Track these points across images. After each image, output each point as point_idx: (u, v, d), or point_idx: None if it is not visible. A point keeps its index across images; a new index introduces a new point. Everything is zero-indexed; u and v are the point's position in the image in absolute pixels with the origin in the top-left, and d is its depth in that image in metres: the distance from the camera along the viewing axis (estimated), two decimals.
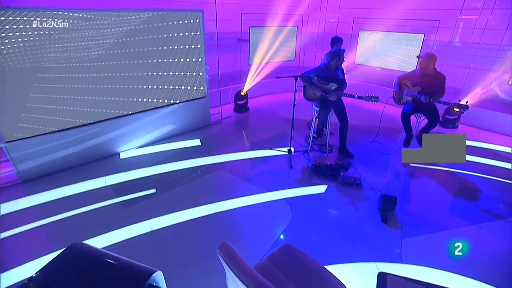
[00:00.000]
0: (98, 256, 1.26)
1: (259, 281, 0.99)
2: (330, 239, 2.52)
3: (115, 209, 2.82)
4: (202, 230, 2.58)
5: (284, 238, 2.50)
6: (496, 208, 3.00)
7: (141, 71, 3.70)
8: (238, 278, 1.01)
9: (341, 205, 2.96)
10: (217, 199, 2.96)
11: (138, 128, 3.94)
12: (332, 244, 2.47)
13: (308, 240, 2.50)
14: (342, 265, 2.26)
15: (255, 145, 4.19)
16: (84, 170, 3.42)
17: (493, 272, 2.21)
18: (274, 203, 2.95)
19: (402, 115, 3.73)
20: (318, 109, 3.61)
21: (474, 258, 2.35)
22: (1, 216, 2.68)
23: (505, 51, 4.51)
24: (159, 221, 2.66)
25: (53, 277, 1.13)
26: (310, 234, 2.57)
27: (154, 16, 3.59)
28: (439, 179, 3.50)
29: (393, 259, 2.33)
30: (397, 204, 2.82)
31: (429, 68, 3.53)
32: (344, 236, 2.56)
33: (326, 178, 3.36)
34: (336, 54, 3.39)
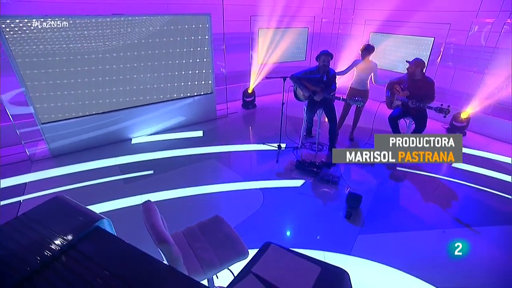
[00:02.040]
0: (72, 206, 1.73)
1: (160, 232, 1.36)
2: (290, 226, 2.80)
3: (117, 184, 3.38)
4: (181, 207, 3.01)
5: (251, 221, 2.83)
6: (467, 217, 3.01)
7: (155, 69, 4.24)
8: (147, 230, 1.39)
9: (312, 199, 3.20)
10: (201, 183, 3.38)
11: (150, 118, 4.51)
12: (290, 229, 2.75)
13: (269, 224, 2.80)
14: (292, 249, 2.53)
15: (251, 139, 4.53)
16: (101, 151, 4.06)
17: (438, 275, 2.31)
18: (250, 191, 3.29)
19: (389, 119, 3.79)
20: (305, 108, 3.83)
21: (422, 259, 2.46)
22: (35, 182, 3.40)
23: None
24: (149, 197, 3.15)
25: (35, 218, 1.61)
26: (274, 220, 2.87)
27: (166, 20, 4.08)
28: (420, 184, 3.53)
29: (342, 250, 2.53)
30: (369, 203, 3.03)
31: (417, 74, 3.55)
32: (304, 226, 2.81)
33: (307, 174, 3.60)
34: (324, 55, 3.59)
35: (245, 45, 5.52)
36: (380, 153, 2.38)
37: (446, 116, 3.29)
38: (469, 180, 3.60)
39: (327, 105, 3.81)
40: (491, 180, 3.64)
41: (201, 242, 1.69)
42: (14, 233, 1.47)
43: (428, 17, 5.08)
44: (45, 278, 1.33)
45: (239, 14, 5.11)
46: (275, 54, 5.63)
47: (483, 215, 3.05)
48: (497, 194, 3.36)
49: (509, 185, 3.56)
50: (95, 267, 1.37)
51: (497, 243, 2.67)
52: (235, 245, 1.65)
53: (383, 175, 3.72)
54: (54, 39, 3.45)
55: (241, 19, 5.18)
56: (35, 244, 1.45)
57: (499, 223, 2.92)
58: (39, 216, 1.65)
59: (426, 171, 3.81)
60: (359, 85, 4.14)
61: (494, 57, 4.50)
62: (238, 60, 5.58)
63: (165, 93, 4.50)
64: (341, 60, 6.02)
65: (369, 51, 3.96)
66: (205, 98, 4.89)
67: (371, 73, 4.06)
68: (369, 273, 2.33)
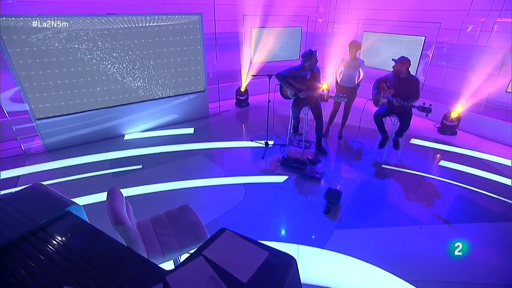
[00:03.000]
0: (47, 192, 1.84)
1: (117, 214, 1.44)
2: (267, 220, 2.86)
3: (106, 178, 3.50)
4: (163, 200, 3.11)
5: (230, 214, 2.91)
6: (446, 213, 3.03)
7: (149, 68, 4.36)
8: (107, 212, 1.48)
9: (293, 194, 3.25)
10: (187, 178, 3.47)
11: (143, 116, 4.63)
12: (267, 223, 2.81)
13: (247, 218, 2.87)
14: (266, 242, 2.56)
15: (241, 136, 4.61)
16: (94, 146, 4.19)
17: (408, 269, 2.34)
18: (233, 186, 3.37)
19: (375, 116, 3.82)
20: (291, 106, 3.89)
21: (395, 254, 2.50)
22: (28, 174, 3.54)
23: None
24: (135, 190, 3.26)
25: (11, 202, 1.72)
26: (252, 214, 2.94)
27: (158, 19, 4.19)
28: (403, 182, 3.56)
29: (316, 244, 2.58)
30: (350, 199, 3.11)
31: (402, 72, 3.58)
32: (282, 219, 2.87)
33: (291, 170, 3.65)
34: (308, 55, 3.63)
35: (238, 45, 5.61)
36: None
37: (428, 115, 3.31)
38: (455, 178, 3.60)
39: (313, 102, 3.86)
40: (477, 178, 3.64)
41: (166, 228, 1.77)
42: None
43: (420, 16, 5.09)
44: (11, 256, 1.44)
45: (232, 13, 5.21)
46: (268, 53, 5.71)
47: (464, 213, 3.07)
48: (481, 193, 3.37)
49: (494, 184, 3.56)
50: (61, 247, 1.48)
51: (475, 239, 2.68)
52: (197, 232, 1.73)
53: (368, 172, 3.75)
54: (48, 38, 3.59)
55: (234, 18, 5.27)
56: (4, 224, 1.56)
57: (479, 220, 2.94)
58: (14, 201, 1.77)
59: (412, 169, 3.82)
60: (347, 82, 4.18)
61: (485, 56, 4.49)
62: (231, 59, 5.67)
63: (158, 91, 4.61)
64: (333, 58, 6.04)
65: (356, 47, 4.00)
66: (197, 96, 4.99)
67: (358, 69, 4.10)
68: (340, 266, 2.38)
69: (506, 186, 3.50)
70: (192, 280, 1.26)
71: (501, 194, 3.32)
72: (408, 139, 4.65)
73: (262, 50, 5.60)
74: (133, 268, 1.36)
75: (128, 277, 1.31)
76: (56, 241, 1.51)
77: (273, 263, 1.36)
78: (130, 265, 1.40)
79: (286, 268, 1.35)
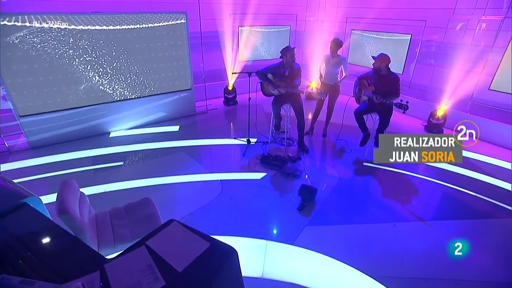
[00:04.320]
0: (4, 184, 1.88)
1: (62, 204, 1.47)
2: (240, 215, 2.88)
3: (87, 174, 3.54)
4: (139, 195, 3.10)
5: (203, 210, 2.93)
6: (423, 211, 3.02)
7: (134, 66, 4.40)
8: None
9: (269, 191, 3.26)
10: (165, 174, 3.50)
11: (130, 113, 4.67)
12: (239, 218, 2.83)
13: (221, 212, 2.89)
14: (236, 237, 2.60)
15: (225, 134, 4.63)
16: (78, 144, 4.23)
17: (377, 266, 2.34)
18: (210, 182, 3.39)
19: (355, 113, 3.82)
20: (271, 103, 3.90)
21: (364, 251, 2.50)
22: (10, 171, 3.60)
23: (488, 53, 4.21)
24: (113, 186, 3.29)
25: None
26: (226, 208, 2.96)
27: (144, 18, 4.24)
28: (382, 180, 3.55)
29: (285, 240, 2.59)
30: (327, 197, 3.14)
31: (382, 69, 3.58)
32: (254, 215, 2.88)
33: (270, 168, 3.67)
34: (285, 51, 3.65)
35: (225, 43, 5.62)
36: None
37: (405, 112, 3.30)
38: (436, 177, 3.59)
39: (294, 99, 3.86)
40: (460, 177, 3.62)
41: (122, 219, 1.80)
42: None
43: (407, 15, 5.07)
44: None
45: (218, 12, 5.23)
46: (256, 52, 5.72)
47: (440, 210, 3.07)
48: (461, 191, 3.35)
49: (473, 181, 3.54)
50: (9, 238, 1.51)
51: (449, 237, 2.68)
52: (151, 224, 1.75)
53: (348, 170, 3.75)
54: (32, 35, 3.64)
55: (220, 17, 5.29)
56: None
57: (456, 217, 2.93)
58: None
59: (394, 167, 3.81)
60: (328, 79, 4.19)
61: (469, 54, 4.46)
62: (218, 58, 5.69)
63: (144, 89, 4.65)
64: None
65: (338, 45, 4.00)
66: (184, 94, 5.02)
67: (340, 67, 4.10)
68: (306, 263, 2.38)
69: (489, 185, 3.48)
70: (129, 269, 1.28)
71: (481, 192, 3.31)
72: None
73: (249, 49, 5.62)
74: (74, 257, 1.39)
75: (67, 264, 1.34)
76: (5, 231, 1.54)
77: (212, 254, 1.37)
78: (72, 254, 1.43)
79: (225, 259, 1.37)
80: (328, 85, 4.19)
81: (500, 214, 3.01)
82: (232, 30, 5.44)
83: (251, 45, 5.62)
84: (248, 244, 2.54)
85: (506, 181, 3.51)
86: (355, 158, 4.00)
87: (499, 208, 3.08)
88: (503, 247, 2.60)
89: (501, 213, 3.02)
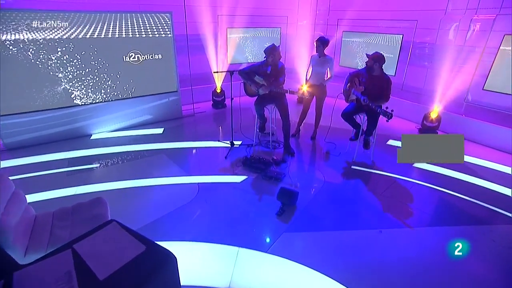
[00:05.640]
0: None
1: None
2: (213, 219, 2.68)
3: (59, 176, 3.37)
4: (113, 198, 2.93)
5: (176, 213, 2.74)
6: (412, 216, 2.83)
7: (118, 67, 4.29)
8: None
9: (248, 194, 3.07)
10: (142, 176, 3.32)
11: (113, 115, 4.53)
12: (211, 223, 2.63)
13: (193, 217, 2.70)
14: (205, 243, 2.40)
15: (210, 136, 4.46)
16: (57, 146, 4.08)
17: (358, 277, 2.13)
18: (187, 185, 3.21)
19: (343, 115, 3.65)
20: (254, 103, 3.74)
21: (344, 261, 2.28)
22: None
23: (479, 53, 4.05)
24: (85, 188, 3.11)
25: None
26: (200, 213, 2.76)
27: (128, 17, 4.15)
28: (371, 183, 3.36)
29: (259, 247, 2.38)
30: (310, 201, 2.95)
31: (375, 69, 3.41)
32: (228, 220, 2.69)
33: (252, 171, 3.48)
34: (270, 50, 3.50)
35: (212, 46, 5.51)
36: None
37: (389, 120, 3.10)
38: (429, 180, 3.40)
39: (278, 100, 3.70)
40: (454, 181, 3.42)
41: (65, 220, 1.63)
42: None
43: (399, 16, 4.95)
44: None
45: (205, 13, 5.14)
46: (245, 54, 5.61)
47: (431, 216, 2.86)
48: (453, 195, 3.15)
49: (467, 185, 3.33)
50: None
51: (439, 244, 2.47)
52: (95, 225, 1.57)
53: (335, 173, 3.56)
54: (9, 32, 3.54)
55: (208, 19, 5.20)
56: None
57: (447, 223, 2.72)
58: None
59: (384, 170, 3.62)
60: (315, 80, 4.04)
61: (462, 55, 4.31)
62: (206, 61, 5.56)
63: (128, 91, 4.52)
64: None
65: (323, 43, 3.86)
66: (170, 97, 4.89)
67: (327, 67, 3.95)
68: (279, 273, 2.17)
69: (485, 189, 3.28)
70: (42, 277, 1.10)
71: (476, 197, 3.10)
72: (386, 140, 4.45)
73: (238, 51, 5.51)
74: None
75: None
76: None
77: (146, 259, 1.19)
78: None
79: (160, 266, 1.18)
80: (314, 86, 4.03)
81: (497, 221, 2.79)
82: (220, 32, 5.35)
83: (240, 47, 5.51)
84: (218, 251, 2.34)
85: (502, 184, 3.31)
86: (343, 161, 3.81)
87: (496, 214, 2.87)
88: (498, 255, 2.38)
89: (498, 220, 2.80)
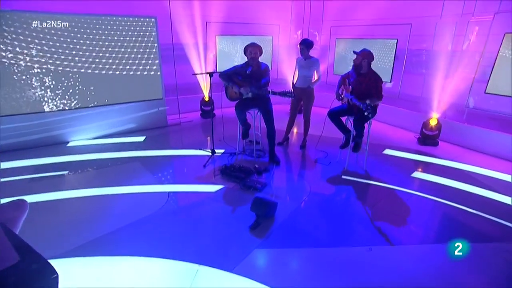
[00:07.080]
0: None
1: None
2: (175, 232, 2.36)
3: (24, 183, 3.11)
4: (74, 207, 2.68)
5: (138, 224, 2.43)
6: (406, 232, 2.47)
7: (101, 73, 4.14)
8: None
9: (222, 205, 2.76)
10: (110, 184, 3.05)
11: (94, 124, 4.33)
12: (173, 237, 2.31)
13: (155, 228, 2.39)
14: (160, 259, 2.07)
15: (191, 145, 4.19)
16: (28, 152, 3.82)
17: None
18: (156, 194, 2.91)
19: (329, 114, 3.38)
20: (235, 108, 3.49)
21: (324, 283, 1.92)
22: None
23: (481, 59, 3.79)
24: (49, 195, 2.84)
25: None
26: (164, 224, 2.45)
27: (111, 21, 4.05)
28: (363, 195, 3.02)
29: (223, 265, 2.03)
30: (291, 213, 2.62)
31: (363, 67, 3.17)
32: (193, 233, 2.36)
33: (231, 180, 3.17)
34: (246, 47, 3.33)
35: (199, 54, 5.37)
36: None
37: (369, 114, 2.82)
38: (427, 192, 3.04)
39: (261, 104, 3.45)
40: (451, 191, 3.06)
41: None
42: None
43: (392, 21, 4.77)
44: None
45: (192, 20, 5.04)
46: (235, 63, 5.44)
47: (428, 231, 2.49)
48: (454, 206, 2.77)
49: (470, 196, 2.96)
50: None
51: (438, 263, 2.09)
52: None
53: (322, 183, 3.23)
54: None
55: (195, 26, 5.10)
56: None
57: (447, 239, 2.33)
58: None
59: (378, 180, 3.27)
60: (301, 83, 3.81)
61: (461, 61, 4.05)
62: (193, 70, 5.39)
63: (111, 98, 4.35)
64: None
65: (307, 46, 3.65)
66: (154, 104, 4.71)
67: (313, 70, 3.72)
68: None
69: (491, 200, 2.90)
70: None
71: (481, 209, 2.72)
72: (382, 149, 4.12)
73: (227, 59, 5.35)
74: None
75: None
76: None
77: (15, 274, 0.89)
78: None
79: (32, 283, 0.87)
80: (300, 89, 3.79)
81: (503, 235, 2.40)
82: (208, 40, 5.22)
83: (229, 55, 5.37)
84: (174, 268, 2.00)
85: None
86: (333, 171, 3.48)
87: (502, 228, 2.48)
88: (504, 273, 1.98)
89: (504, 234, 2.41)
